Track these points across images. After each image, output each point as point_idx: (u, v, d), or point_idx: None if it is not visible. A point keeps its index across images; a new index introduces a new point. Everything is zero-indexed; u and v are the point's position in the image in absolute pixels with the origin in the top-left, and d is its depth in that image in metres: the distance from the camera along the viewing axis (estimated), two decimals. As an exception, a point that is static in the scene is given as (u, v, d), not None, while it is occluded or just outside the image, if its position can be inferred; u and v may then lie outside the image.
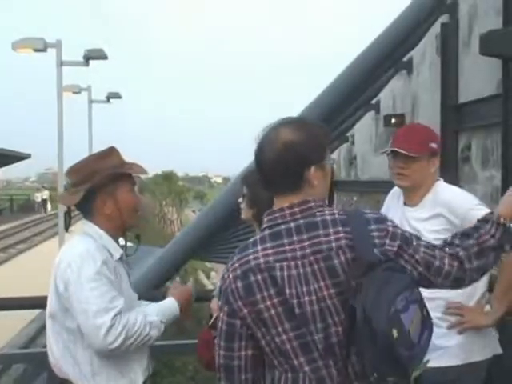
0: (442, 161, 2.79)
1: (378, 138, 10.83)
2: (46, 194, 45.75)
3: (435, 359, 2.13)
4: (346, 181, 13.26)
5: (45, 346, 2.50)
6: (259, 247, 1.78)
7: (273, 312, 1.74)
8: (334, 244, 1.73)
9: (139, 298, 2.60)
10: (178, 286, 2.66)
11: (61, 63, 16.38)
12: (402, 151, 2.69)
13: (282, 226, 1.77)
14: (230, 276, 1.79)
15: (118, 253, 2.45)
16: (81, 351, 2.34)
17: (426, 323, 1.73)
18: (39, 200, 45.21)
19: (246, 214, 2.82)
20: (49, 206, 46.24)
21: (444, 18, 7.13)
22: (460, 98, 7.07)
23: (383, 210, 2.93)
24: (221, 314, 1.81)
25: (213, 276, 30.74)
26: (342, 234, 1.73)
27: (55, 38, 16.28)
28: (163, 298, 2.58)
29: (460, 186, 2.99)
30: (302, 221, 1.77)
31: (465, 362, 2.61)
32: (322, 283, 1.72)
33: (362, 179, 12.16)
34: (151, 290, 5.55)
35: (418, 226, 2.67)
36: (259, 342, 1.78)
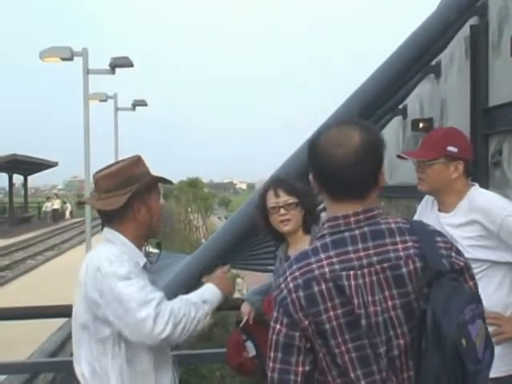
0: (466, 165, 2.70)
1: (406, 143, 10.71)
2: (57, 203, 42.56)
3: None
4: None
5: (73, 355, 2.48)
6: (322, 255, 1.68)
7: (334, 323, 1.65)
8: (402, 253, 1.67)
9: None
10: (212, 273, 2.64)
11: (87, 71, 16.55)
12: (406, 156, 2.66)
13: (346, 234, 1.70)
14: (290, 285, 1.69)
15: (141, 261, 2.43)
16: (111, 362, 2.31)
17: (489, 341, 1.66)
18: (49, 210, 41.29)
19: None
20: (67, 214, 45.44)
21: (473, 20, 7.01)
22: (490, 101, 6.93)
23: (416, 216, 2.86)
24: (277, 326, 1.70)
25: (238, 283, 30.75)
26: (409, 243, 1.68)
27: (81, 47, 16.44)
28: None
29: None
30: (366, 228, 1.70)
31: (503, 375, 2.53)
32: (386, 293, 1.66)
33: (390, 184, 12.05)
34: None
35: (452, 232, 2.59)
36: (316, 355, 1.68)
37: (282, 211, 2.71)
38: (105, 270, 2.26)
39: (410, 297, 1.66)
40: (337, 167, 1.69)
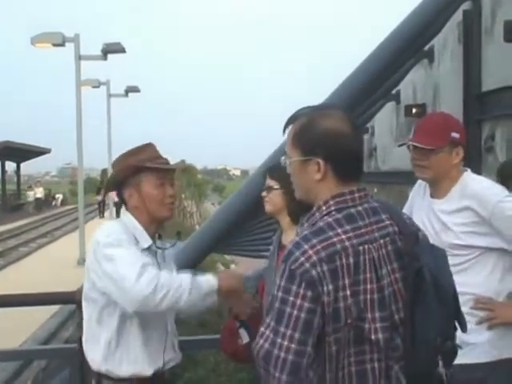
0: (464, 151, 2.70)
1: (399, 129, 10.72)
2: (40, 192, 40.50)
3: (464, 355, 1.95)
4: (366, 172, 13.14)
5: (67, 341, 2.53)
6: (339, 230, 1.70)
7: (348, 302, 1.65)
8: (396, 228, 1.78)
9: None
10: (230, 273, 2.68)
11: (79, 57, 16.45)
12: (416, 144, 2.61)
13: (352, 210, 1.75)
14: (314, 258, 1.65)
15: (146, 243, 2.50)
16: (103, 330, 2.42)
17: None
18: (31, 199, 39.61)
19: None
20: (58, 203, 44.95)
21: (466, 5, 6.99)
22: (483, 86, 6.93)
23: (408, 203, 2.86)
24: (298, 300, 1.62)
25: (232, 269, 30.81)
26: (392, 221, 1.79)
27: (73, 33, 16.32)
28: None
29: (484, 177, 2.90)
30: (366, 205, 1.77)
31: (495, 359, 2.54)
32: (389, 267, 1.73)
33: (383, 170, 12.06)
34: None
35: (445, 218, 2.60)
36: (324, 334, 1.65)
37: (264, 193, 2.87)
38: (103, 240, 2.38)
39: (407, 270, 1.73)
40: (352, 144, 1.78)
